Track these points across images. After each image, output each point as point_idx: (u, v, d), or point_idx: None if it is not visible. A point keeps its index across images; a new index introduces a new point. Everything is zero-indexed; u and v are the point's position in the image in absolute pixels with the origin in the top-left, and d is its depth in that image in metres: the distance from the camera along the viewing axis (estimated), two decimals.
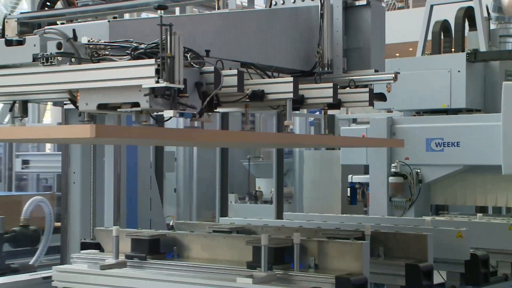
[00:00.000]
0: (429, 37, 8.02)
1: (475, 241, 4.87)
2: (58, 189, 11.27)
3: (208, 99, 3.50)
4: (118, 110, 3.35)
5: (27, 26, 4.14)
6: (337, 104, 4.26)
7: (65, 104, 3.99)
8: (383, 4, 4.91)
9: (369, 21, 4.80)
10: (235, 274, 3.88)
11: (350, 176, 8.28)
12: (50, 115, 16.60)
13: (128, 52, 3.36)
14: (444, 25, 7.95)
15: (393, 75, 4.55)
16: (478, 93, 7.36)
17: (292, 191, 11.34)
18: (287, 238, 4.03)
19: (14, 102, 3.59)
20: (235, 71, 3.64)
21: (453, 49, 7.85)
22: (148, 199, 6.40)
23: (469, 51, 7.23)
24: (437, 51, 7.82)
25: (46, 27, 3.51)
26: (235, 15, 4.11)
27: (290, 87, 3.93)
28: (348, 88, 4.53)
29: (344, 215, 6.05)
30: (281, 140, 4.29)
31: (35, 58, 3.36)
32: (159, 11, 3.26)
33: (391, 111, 8.23)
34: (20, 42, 3.38)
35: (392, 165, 7.12)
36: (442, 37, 7.93)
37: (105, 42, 3.39)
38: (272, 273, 3.75)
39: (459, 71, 7.10)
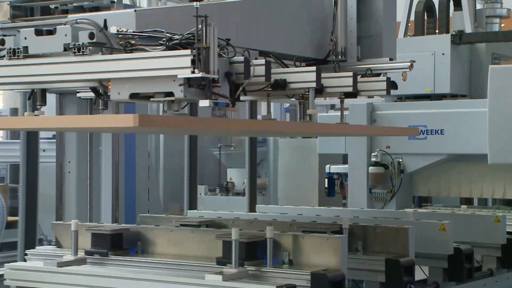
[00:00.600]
0: (412, 18, 8.07)
1: (459, 234, 4.93)
2: (12, 181, 11.16)
3: (240, 89, 3.81)
4: (151, 99, 3.65)
5: (20, 9, 4.22)
6: (354, 93, 4.50)
7: (78, 92, 4.24)
8: None
9: (381, 8, 5.05)
10: (203, 270, 3.89)
11: (328, 166, 8.32)
12: (2, 100, 16.52)
13: (162, 42, 3.63)
14: (427, 5, 8.00)
15: (409, 64, 4.79)
16: (464, 78, 7.44)
17: (266, 182, 11.37)
18: (260, 232, 4.05)
19: (33, 90, 3.82)
20: (262, 61, 3.95)
21: (437, 31, 7.91)
22: (146, 189, 6.42)
23: (454, 33, 7.30)
24: (420, 33, 7.88)
25: (74, 16, 3.72)
26: (249, 3, 4.37)
27: (313, 76, 4.22)
28: (360, 77, 4.75)
29: (321, 207, 6.09)
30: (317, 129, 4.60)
31: (66, 48, 3.59)
32: (195, 3, 3.54)
33: (372, 97, 8.28)
34: (50, 32, 3.61)
35: (373, 154, 7.17)
36: (425, 17, 7.99)
37: (133, 31, 3.64)
38: (243, 270, 3.77)
39: (443, 54, 7.17)
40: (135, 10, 3.70)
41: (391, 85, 4.74)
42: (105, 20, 3.62)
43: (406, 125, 6.95)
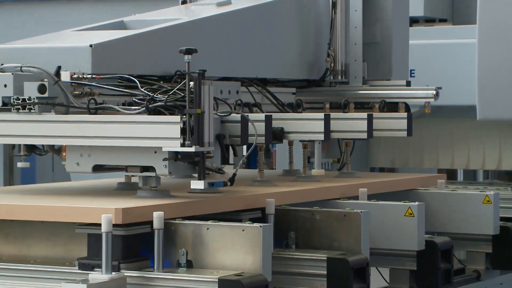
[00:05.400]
0: None
1: (434, 221, 5.10)
2: None
3: (241, 160, 4.37)
4: (125, 173, 4.13)
5: None
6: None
7: None
8: None
9: (389, 9, 5.52)
10: (59, 278, 3.91)
11: None
12: None
13: (138, 100, 4.06)
14: None
15: (434, 92, 5.34)
16: None
17: None
18: (144, 222, 4.07)
19: None
20: (262, 116, 4.41)
21: None
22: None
23: None
24: None
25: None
26: (223, 19, 4.85)
27: (320, 126, 4.69)
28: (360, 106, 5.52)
29: None
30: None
31: (6, 103, 3.98)
32: (186, 56, 3.90)
33: None
34: None
35: None
36: None
37: (93, 77, 4.06)
38: (118, 276, 3.80)
39: None
40: (91, 45, 4.08)
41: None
42: (58, 68, 4.00)
43: None
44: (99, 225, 3.73)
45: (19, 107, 4.01)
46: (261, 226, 3.91)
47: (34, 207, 4.05)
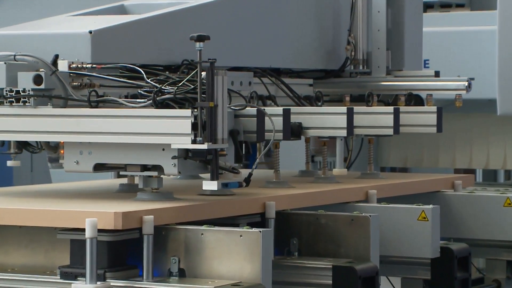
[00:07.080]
0: None
1: (450, 226, 5.10)
2: None
3: (258, 159, 4.50)
4: (122, 172, 4.11)
5: None
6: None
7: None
8: None
9: None
10: None
11: None
12: None
13: (144, 92, 4.04)
14: None
15: (466, 83, 5.38)
16: None
17: None
18: (132, 229, 4.08)
19: None
20: (279, 110, 4.39)
21: None
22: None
23: None
24: None
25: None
26: (232, 2, 4.84)
27: (342, 120, 4.71)
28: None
29: None
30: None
31: None
32: (197, 44, 3.87)
33: None
34: None
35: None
36: None
37: (92, 65, 4.05)
38: (104, 286, 3.80)
39: None
40: (91, 32, 4.08)
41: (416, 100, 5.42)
42: (55, 56, 3.98)
43: None
44: (83, 230, 3.73)
45: (13, 99, 4.01)
46: (260, 231, 3.91)
47: (11, 210, 4.03)
